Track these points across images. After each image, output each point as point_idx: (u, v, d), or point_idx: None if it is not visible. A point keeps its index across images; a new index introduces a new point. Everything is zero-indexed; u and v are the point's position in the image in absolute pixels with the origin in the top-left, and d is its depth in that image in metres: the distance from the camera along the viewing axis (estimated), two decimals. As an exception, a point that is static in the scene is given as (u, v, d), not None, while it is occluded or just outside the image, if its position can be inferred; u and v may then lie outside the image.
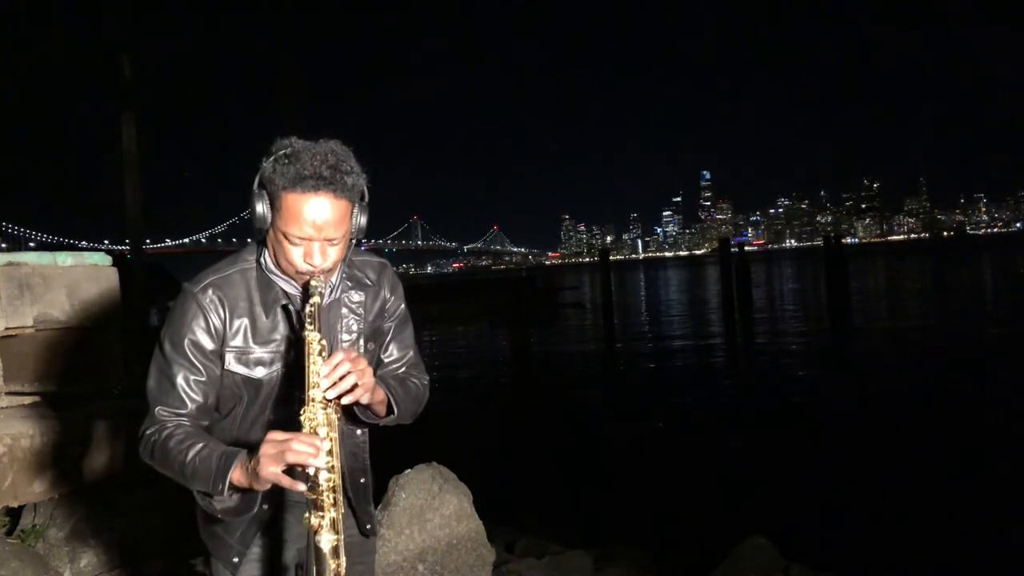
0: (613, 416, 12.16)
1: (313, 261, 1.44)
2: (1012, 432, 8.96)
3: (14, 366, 3.53)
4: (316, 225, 1.41)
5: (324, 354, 1.39)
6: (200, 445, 1.39)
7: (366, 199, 1.52)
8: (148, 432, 1.45)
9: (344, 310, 1.61)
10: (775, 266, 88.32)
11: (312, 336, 1.38)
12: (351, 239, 1.54)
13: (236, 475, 1.32)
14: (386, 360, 1.68)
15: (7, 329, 3.30)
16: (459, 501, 3.30)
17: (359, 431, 1.66)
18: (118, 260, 4.14)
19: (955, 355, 15.66)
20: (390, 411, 1.55)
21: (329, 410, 1.35)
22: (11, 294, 3.30)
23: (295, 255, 1.45)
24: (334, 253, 1.47)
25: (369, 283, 1.65)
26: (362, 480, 1.67)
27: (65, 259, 3.61)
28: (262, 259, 1.54)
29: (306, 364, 1.36)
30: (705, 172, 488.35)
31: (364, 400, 1.45)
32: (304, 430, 1.31)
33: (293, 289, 1.53)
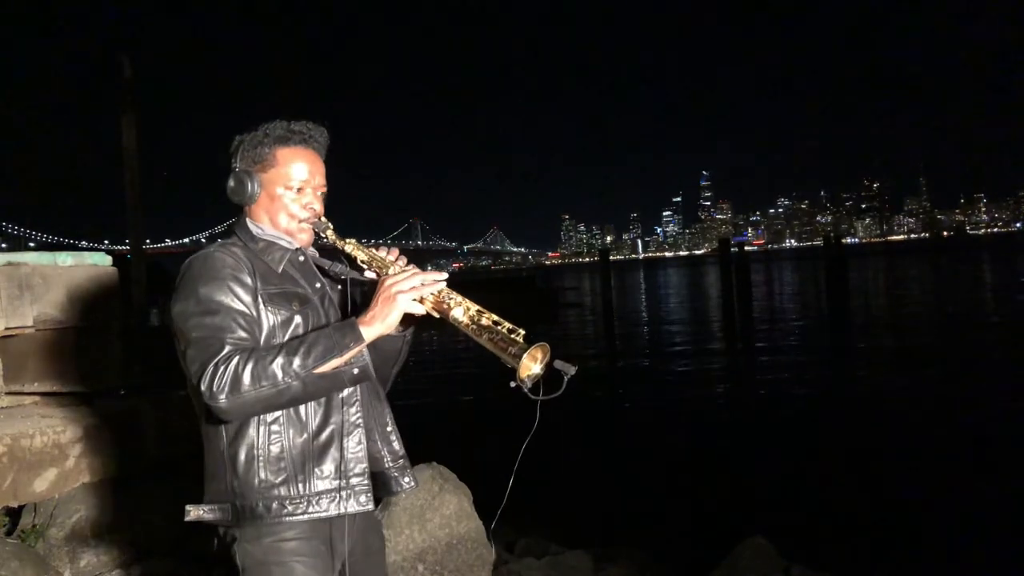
0: (613, 415, 12.15)
1: (313, 206, 1.64)
2: (1013, 431, 8.96)
3: (14, 366, 3.53)
4: (311, 171, 1.63)
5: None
6: (291, 341, 1.47)
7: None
8: (220, 363, 1.39)
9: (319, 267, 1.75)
10: (775, 266, 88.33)
11: (349, 243, 1.62)
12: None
13: (365, 329, 1.46)
14: None
15: (7, 329, 3.30)
16: (459, 501, 3.31)
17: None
18: (118, 260, 4.14)
19: (955, 354, 15.67)
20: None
21: (405, 269, 1.56)
22: (11, 294, 3.30)
23: (294, 205, 1.63)
24: (319, 207, 1.66)
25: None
26: (393, 436, 1.72)
27: (65, 259, 3.61)
28: (251, 232, 1.64)
29: (368, 256, 1.61)
30: (705, 172, 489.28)
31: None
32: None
33: (294, 246, 1.65)
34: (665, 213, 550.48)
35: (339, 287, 1.69)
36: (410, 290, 1.47)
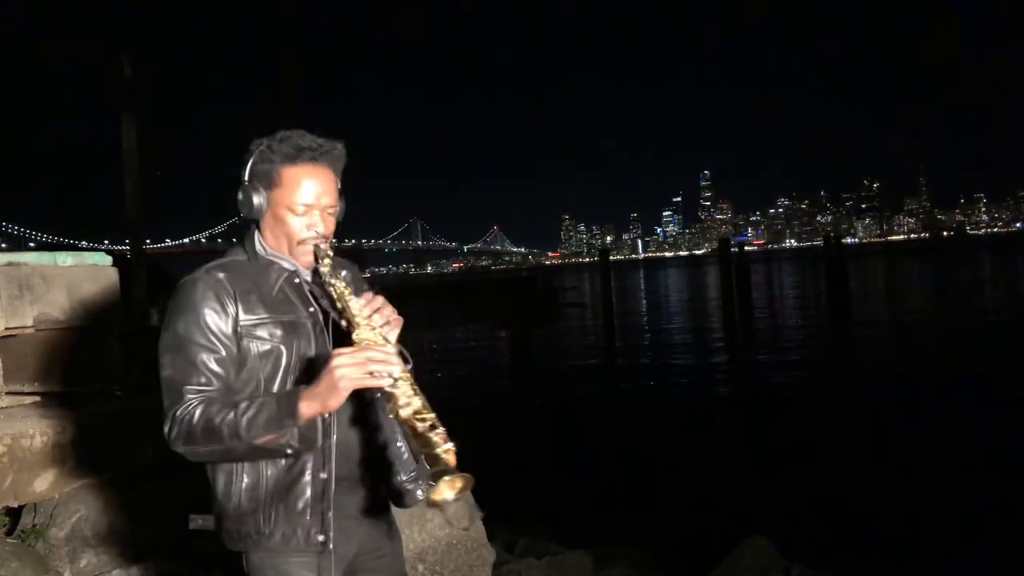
0: (613, 416, 12.16)
1: (317, 228, 1.57)
2: (1012, 432, 8.96)
3: (14, 366, 3.53)
4: (317, 193, 1.56)
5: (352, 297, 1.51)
6: (247, 402, 1.43)
7: (338, 187, 1.66)
8: (178, 414, 1.44)
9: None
10: (775, 266, 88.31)
11: (339, 282, 1.50)
12: (335, 220, 1.65)
13: (304, 405, 1.39)
14: None
15: (7, 329, 3.30)
16: (459, 501, 3.30)
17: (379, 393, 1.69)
18: (118, 260, 4.13)
19: (954, 355, 15.67)
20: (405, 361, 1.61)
21: (380, 331, 1.45)
22: (11, 294, 3.30)
23: (298, 225, 1.57)
24: (330, 224, 1.60)
25: (349, 270, 1.74)
26: (399, 444, 1.65)
27: (65, 259, 3.61)
28: (256, 247, 1.61)
29: (342, 305, 1.48)
30: (705, 172, 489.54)
31: (392, 339, 1.49)
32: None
33: (293, 267, 1.61)
34: (665, 213, 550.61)
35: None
36: (356, 378, 1.36)
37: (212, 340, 1.49)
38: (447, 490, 1.29)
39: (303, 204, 1.55)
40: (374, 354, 1.37)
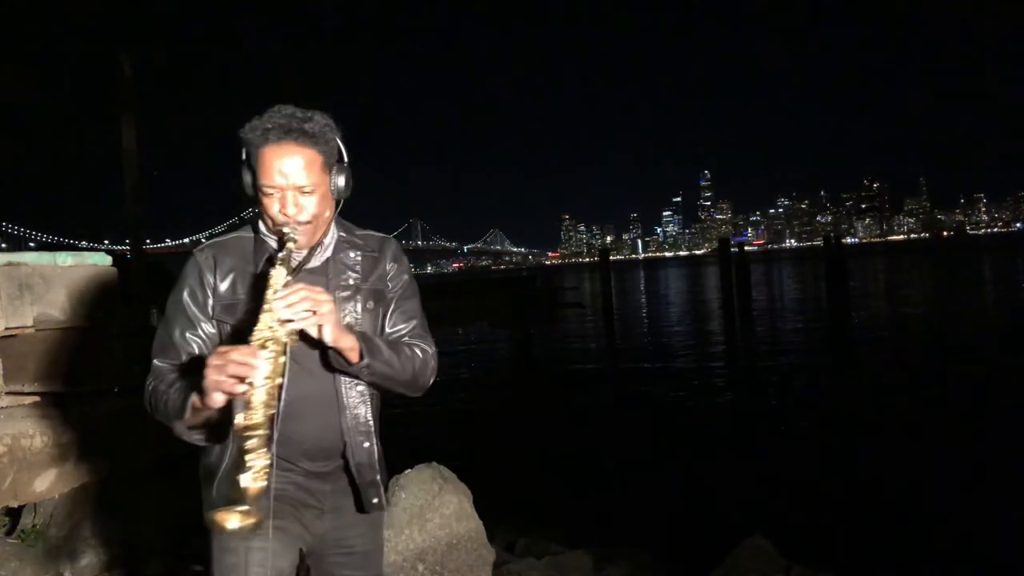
0: (613, 416, 12.15)
1: (287, 211, 1.50)
2: (1012, 431, 8.95)
3: (14, 366, 3.52)
4: (283, 172, 1.48)
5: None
6: (181, 383, 1.44)
7: (344, 160, 1.59)
8: (148, 384, 1.52)
9: (340, 266, 1.64)
10: (775, 266, 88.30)
11: (277, 272, 1.40)
12: (334, 199, 1.60)
13: (194, 398, 1.36)
14: (389, 329, 1.68)
15: (7, 329, 3.30)
16: (459, 501, 3.30)
17: (359, 388, 1.62)
18: (118, 260, 4.13)
19: (954, 354, 15.66)
20: (361, 359, 1.51)
21: (279, 329, 1.34)
22: (11, 294, 3.30)
23: (273, 208, 1.51)
24: (309, 205, 1.51)
25: (370, 251, 1.69)
26: (365, 444, 1.63)
27: (65, 259, 3.61)
28: (258, 226, 1.63)
29: (266, 295, 1.37)
30: (705, 172, 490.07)
31: (328, 336, 1.42)
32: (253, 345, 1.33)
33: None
34: (665, 213, 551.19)
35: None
36: (215, 380, 1.28)
37: (190, 317, 1.55)
38: (232, 519, 1.20)
39: (270, 186, 1.50)
40: (238, 356, 1.27)
